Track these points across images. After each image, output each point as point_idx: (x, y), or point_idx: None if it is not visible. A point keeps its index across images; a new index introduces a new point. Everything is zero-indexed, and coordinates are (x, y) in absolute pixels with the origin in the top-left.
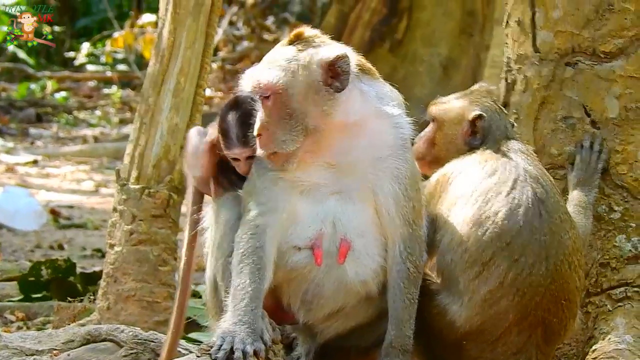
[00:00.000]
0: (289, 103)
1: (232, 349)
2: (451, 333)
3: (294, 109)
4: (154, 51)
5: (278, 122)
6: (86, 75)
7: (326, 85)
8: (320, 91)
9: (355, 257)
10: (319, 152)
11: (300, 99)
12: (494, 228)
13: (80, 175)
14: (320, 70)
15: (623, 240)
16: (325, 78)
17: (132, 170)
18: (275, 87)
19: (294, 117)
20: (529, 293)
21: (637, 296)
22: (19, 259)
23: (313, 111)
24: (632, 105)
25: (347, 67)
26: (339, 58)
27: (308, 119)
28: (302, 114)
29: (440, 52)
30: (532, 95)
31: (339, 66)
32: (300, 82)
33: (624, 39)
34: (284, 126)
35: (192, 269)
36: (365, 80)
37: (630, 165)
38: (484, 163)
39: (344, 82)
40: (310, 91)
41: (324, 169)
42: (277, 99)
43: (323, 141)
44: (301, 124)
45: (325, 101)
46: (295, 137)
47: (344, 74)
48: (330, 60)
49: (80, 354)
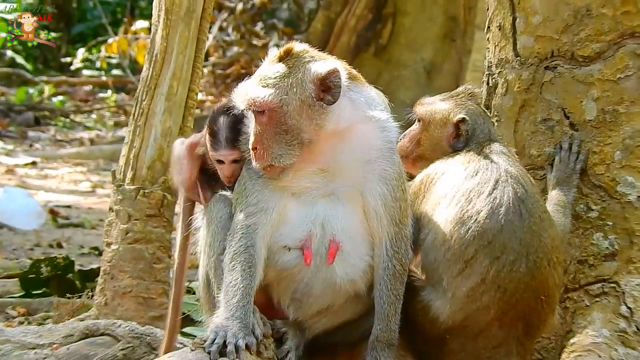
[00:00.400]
0: (284, 119)
1: (224, 343)
2: (435, 327)
3: (289, 124)
4: (147, 56)
5: (273, 137)
6: (82, 80)
7: (319, 100)
8: (314, 106)
9: (344, 258)
10: (311, 159)
11: (295, 115)
12: (476, 227)
13: (78, 176)
14: (312, 86)
15: (600, 238)
16: (317, 93)
17: (127, 171)
18: (270, 105)
19: (289, 132)
20: (509, 289)
21: (614, 292)
22: (19, 257)
23: (307, 125)
24: (609, 107)
25: (339, 81)
26: (330, 73)
27: (303, 134)
28: (297, 129)
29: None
30: (512, 98)
31: (331, 81)
32: (294, 99)
33: (601, 43)
34: (280, 141)
35: (185, 272)
36: (353, 88)
37: (607, 165)
38: (467, 164)
39: (335, 96)
40: (304, 107)
41: (314, 173)
42: (272, 115)
43: (316, 150)
44: (296, 138)
45: (318, 115)
46: (292, 151)
47: (335, 88)
48: (323, 76)
49: (79, 348)
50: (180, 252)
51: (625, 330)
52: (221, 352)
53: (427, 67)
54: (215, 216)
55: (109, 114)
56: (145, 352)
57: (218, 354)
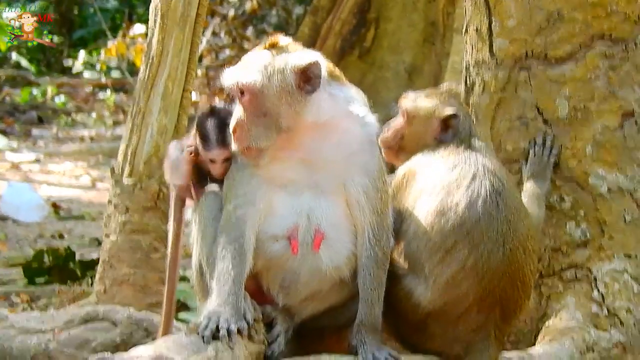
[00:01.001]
0: (264, 103)
1: (217, 328)
2: (416, 313)
3: (268, 108)
4: (144, 59)
5: (253, 119)
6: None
7: (298, 89)
8: (293, 94)
9: (329, 246)
10: (292, 149)
11: (274, 100)
12: (455, 218)
13: (79, 171)
14: (293, 74)
15: (573, 228)
16: (298, 82)
17: (125, 166)
18: (251, 87)
19: (267, 115)
20: (487, 276)
21: (586, 278)
22: (23, 247)
23: (285, 111)
24: (580, 105)
25: (319, 72)
26: (311, 64)
27: (281, 119)
28: (276, 114)
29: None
30: (489, 96)
31: (311, 71)
32: (275, 85)
33: (573, 45)
34: (258, 123)
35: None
36: (334, 85)
37: (579, 159)
38: (446, 158)
39: (315, 86)
40: (284, 93)
41: (299, 166)
42: (252, 98)
43: (296, 139)
44: (274, 122)
45: (297, 103)
46: (269, 134)
47: (315, 78)
48: (303, 66)
49: (80, 333)
50: (172, 248)
51: (597, 314)
52: (214, 336)
53: (408, 69)
54: (206, 208)
55: (108, 113)
56: (142, 337)
57: (211, 338)
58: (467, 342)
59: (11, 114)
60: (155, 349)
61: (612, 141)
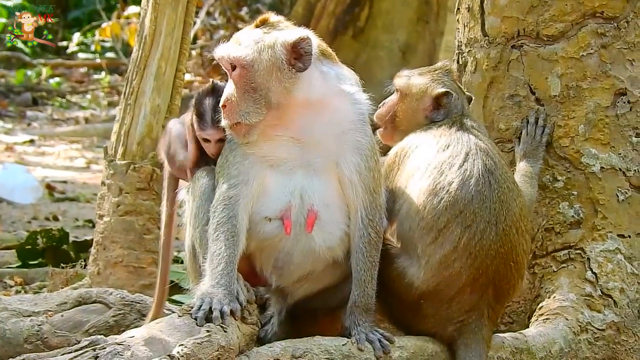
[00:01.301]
0: (254, 78)
1: (210, 309)
2: (409, 293)
3: (258, 83)
4: (137, 38)
5: (243, 94)
6: (77, 62)
7: (289, 65)
8: (283, 70)
9: (322, 226)
10: (284, 126)
11: (264, 75)
12: (448, 197)
13: (73, 153)
14: (284, 50)
15: (566, 207)
16: (288, 58)
17: (118, 147)
18: (242, 62)
19: (257, 91)
20: (480, 256)
21: (579, 258)
22: (17, 229)
23: (275, 87)
24: (572, 83)
25: (309, 48)
26: (301, 40)
27: (271, 94)
28: (266, 89)
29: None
30: (481, 75)
31: (302, 47)
32: (265, 60)
33: (564, 23)
34: (248, 99)
35: (171, 247)
36: (325, 63)
37: (572, 138)
38: (439, 138)
39: (306, 62)
40: (274, 69)
41: (291, 145)
42: (243, 72)
43: (286, 116)
44: (264, 98)
45: (287, 79)
46: (258, 109)
47: (306, 55)
48: (293, 42)
49: (73, 315)
50: (165, 229)
51: (590, 294)
52: (207, 318)
53: (402, 48)
54: (199, 189)
55: (102, 94)
56: (135, 319)
57: (204, 319)
58: (460, 323)
59: (6, 95)
60: (148, 331)
61: (604, 120)
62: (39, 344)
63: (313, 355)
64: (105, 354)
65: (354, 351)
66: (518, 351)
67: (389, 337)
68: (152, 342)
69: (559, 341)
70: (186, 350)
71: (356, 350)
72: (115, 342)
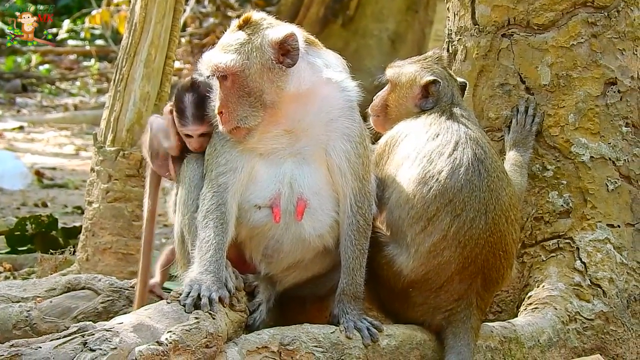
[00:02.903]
0: (247, 82)
1: (199, 296)
2: (399, 281)
3: (252, 87)
4: (127, 25)
5: (237, 100)
6: (67, 49)
7: (278, 63)
8: (274, 69)
9: (312, 214)
10: (276, 121)
11: (257, 78)
12: (437, 186)
13: (62, 140)
14: (271, 50)
15: (555, 196)
16: (277, 56)
17: (108, 134)
18: (232, 69)
19: (252, 94)
20: (469, 245)
21: (569, 247)
22: (6, 215)
23: (268, 87)
24: (562, 73)
25: (296, 44)
26: (287, 37)
27: (265, 95)
28: (260, 91)
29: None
30: (471, 64)
31: (289, 44)
32: (255, 63)
33: (555, 12)
34: (244, 103)
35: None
36: (311, 52)
37: (562, 127)
38: (428, 127)
39: (294, 58)
40: (265, 70)
41: (281, 135)
42: (235, 80)
43: (279, 112)
44: (259, 100)
45: (279, 77)
46: (255, 112)
47: (293, 51)
48: (280, 40)
49: (62, 301)
50: (147, 224)
51: (579, 284)
52: (196, 305)
53: (391, 37)
54: (188, 176)
55: (92, 81)
56: (124, 305)
57: (193, 306)
58: (449, 311)
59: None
60: (137, 317)
61: (594, 109)
62: (28, 329)
63: (301, 343)
64: (94, 340)
65: (342, 339)
66: (506, 340)
67: (378, 326)
68: (140, 329)
69: (548, 330)
70: (174, 336)
71: (344, 338)
72: (104, 329)
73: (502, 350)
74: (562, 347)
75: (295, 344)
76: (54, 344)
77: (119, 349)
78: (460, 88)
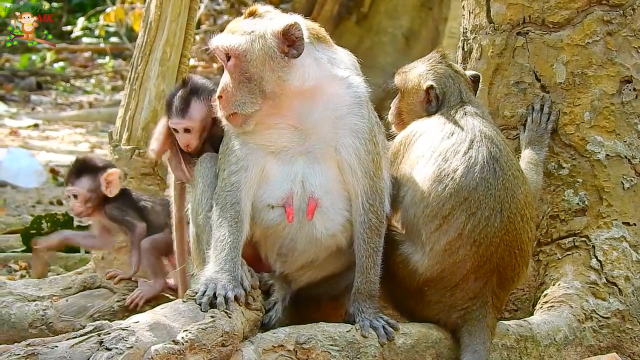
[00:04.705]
0: (247, 67)
1: (214, 295)
2: (414, 280)
3: (252, 73)
4: (142, 24)
5: (237, 85)
6: (81, 47)
7: (282, 53)
8: (276, 58)
9: (323, 213)
10: (281, 114)
11: (258, 64)
12: (452, 184)
13: (77, 137)
14: (275, 39)
15: (571, 195)
16: (280, 46)
17: (123, 132)
18: (235, 51)
19: (251, 81)
20: (484, 243)
21: (584, 245)
22: (21, 213)
23: (269, 76)
24: (578, 71)
25: (300, 33)
26: (291, 26)
27: (265, 83)
28: (259, 79)
29: (403, 24)
30: (486, 62)
31: (292, 33)
32: (257, 50)
33: (570, 10)
34: (243, 89)
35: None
36: (319, 48)
37: (577, 125)
38: (443, 125)
39: (299, 49)
40: (267, 58)
41: (290, 132)
42: (236, 63)
43: (283, 105)
44: (258, 87)
45: (280, 68)
46: (253, 99)
47: (298, 41)
48: (283, 29)
49: (77, 300)
50: (177, 233)
51: (595, 282)
52: (211, 304)
53: (405, 34)
54: (201, 175)
55: (106, 78)
56: None
57: (208, 305)
58: (465, 310)
59: (10, 79)
60: (153, 316)
61: (610, 107)
62: (44, 328)
63: (317, 342)
64: (110, 339)
65: (358, 338)
66: (522, 339)
67: (393, 324)
68: (156, 328)
69: (564, 329)
70: (190, 335)
71: (360, 336)
72: (120, 328)
73: (518, 349)
74: (578, 346)
75: (311, 343)
76: (70, 343)
77: (135, 348)
78: (471, 82)
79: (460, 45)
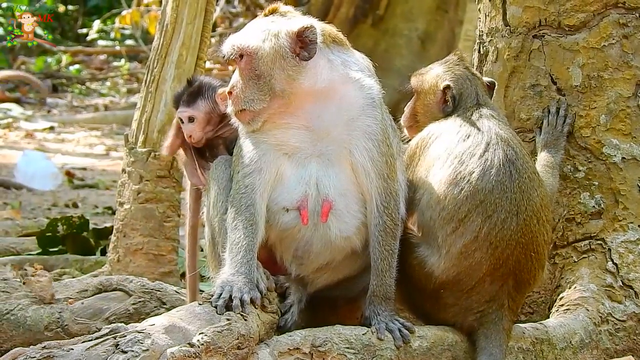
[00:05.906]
0: (257, 65)
1: (230, 297)
2: (429, 282)
3: (262, 71)
4: (158, 26)
5: (247, 82)
6: (97, 49)
7: (294, 54)
8: (287, 58)
9: (338, 215)
10: (291, 114)
11: (268, 63)
12: (468, 187)
13: (93, 140)
14: (288, 39)
15: (587, 197)
16: (293, 47)
17: (139, 135)
18: (246, 50)
19: (261, 78)
20: (501, 246)
21: (600, 248)
22: (37, 216)
23: (279, 75)
24: (594, 74)
25: (314, 37)
26: (306, 29)
27: (274, 82)
28: (269, 77)
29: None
30: (502, 65)
31: (306, 36)
32: (269, 48)
33: (586, 13)
34: (252, 86)
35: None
36: (334, 50)
37: (593, 128)
38: (459, 128)
39: (311, 51)
40: (277, 57)
41: (302, 133)
42: (247, 60)
43: (293, 104)
44: (268, 85)
45: (291, 67)
46: (262, 97)
47: (311, 44)
48: (298, 31)
49: (93, 302)
50: (190, 238)
51: (611, 285)
52: (227, 306)
53: (421, 36)
54: (216, 178)
55: (122, 81)
56: (155, 307)
57: (224, 308)
58: (481, 313)
59: (26, 82)
60: (168, 319)
61: (626, 110)
62: (60, 331)
63: (333, 345)
64: (126, 341)
65: (374, 341)
66: (538, 342)
67: (409, 327)
68: (172, 330)
69: (580, 332)
70: (206, 338)
71: (376, 339)
72: (136, 330)
73: (534, 352)
74: (594, 349)
75: (327, 346)
76: (86, 345)
77: (150, 351)
78: (487, 87)
79: (476, 48)
